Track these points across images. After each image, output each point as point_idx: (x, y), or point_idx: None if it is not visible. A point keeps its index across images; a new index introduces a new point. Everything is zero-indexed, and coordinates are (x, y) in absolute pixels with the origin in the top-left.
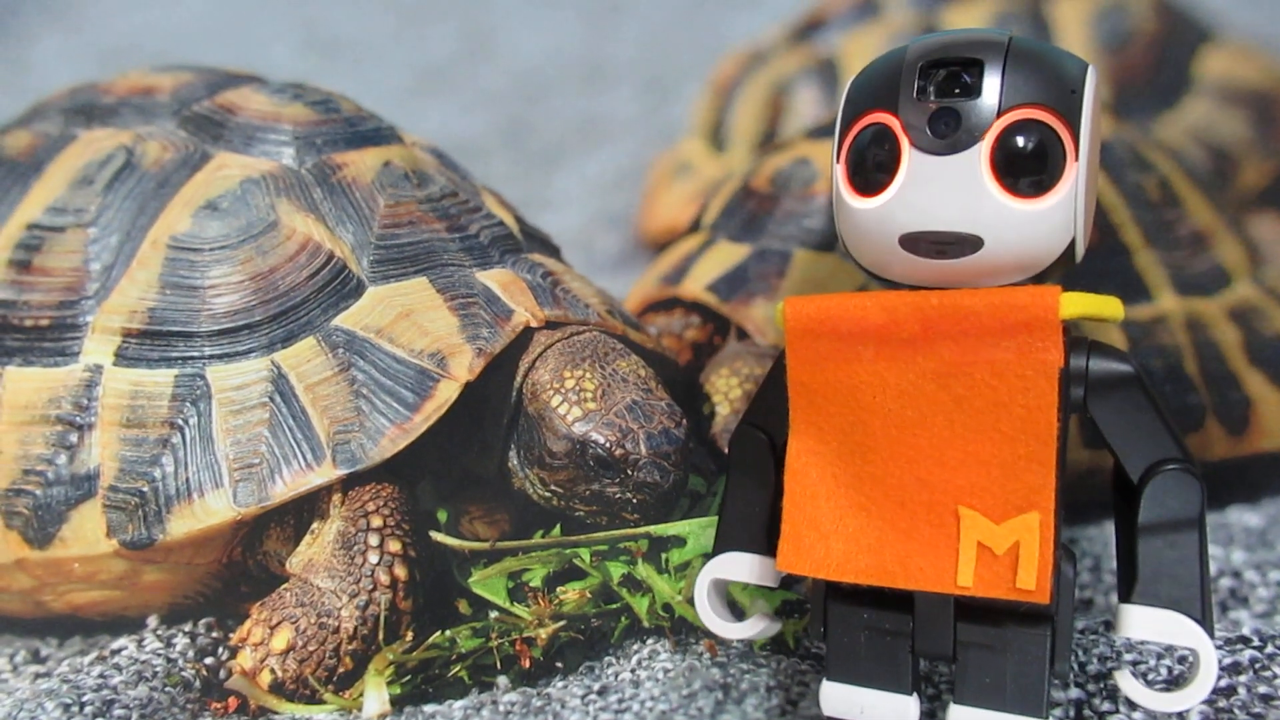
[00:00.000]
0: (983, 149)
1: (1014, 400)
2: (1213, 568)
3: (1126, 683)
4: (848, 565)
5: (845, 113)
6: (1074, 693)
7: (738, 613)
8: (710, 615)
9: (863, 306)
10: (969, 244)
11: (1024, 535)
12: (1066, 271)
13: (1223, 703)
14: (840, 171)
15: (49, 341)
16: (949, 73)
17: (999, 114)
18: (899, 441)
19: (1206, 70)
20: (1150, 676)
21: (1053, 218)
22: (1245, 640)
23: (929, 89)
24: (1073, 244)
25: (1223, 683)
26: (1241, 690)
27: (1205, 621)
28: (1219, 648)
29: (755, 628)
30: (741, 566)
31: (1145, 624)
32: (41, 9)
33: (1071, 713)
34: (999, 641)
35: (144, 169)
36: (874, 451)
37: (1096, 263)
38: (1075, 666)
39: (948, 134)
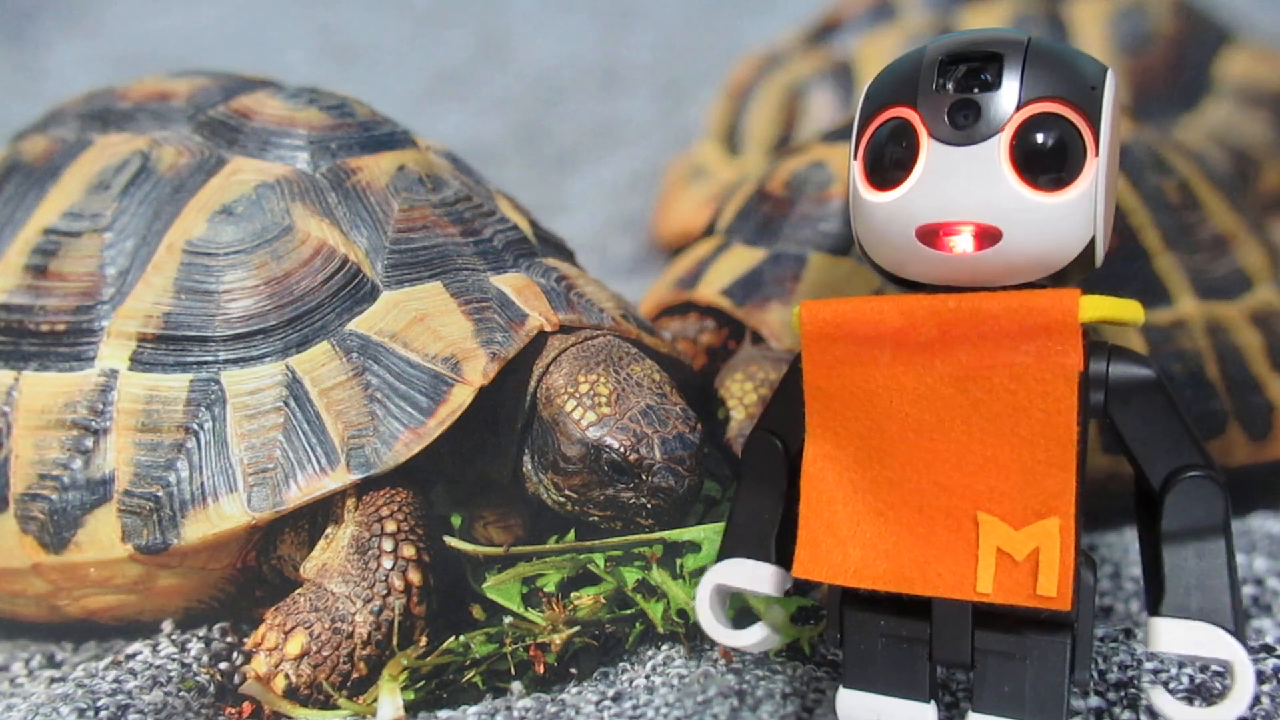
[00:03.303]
0: (1002, 140)
1: (1033, 404)
2: None
3: (1161, 700)
4: (865, 571)
5: (864, 110)
6: (1094, 701)
7: (753, 619)
8: (712, 621)
9: (879, 310)
10: (988, 237)
11: (1044, 541)
12: (1086, 275)
13: (1246, 713)
14: (858, 168)
15: (65, 346)
16: (969, 68)
17: (1019, 107)
18: (916, 446)
19: (1227, 72)
20: (1172, 686)
21: (1072, 213)
22: (1269, 649)
23: (948, 83)
24: (1092, 244)
25: None
26: (1265, 700)
27: (1238, 632)
28: None
29: (756, 636)
30: (746, 573)
31: (1176, 637)
32: (58, 15)
33: None
34: (1018, 649)
35: (160, 174)
36: (891, 456)
37: (1116, 266)
38: (1095, 674)
39: (967, 125)
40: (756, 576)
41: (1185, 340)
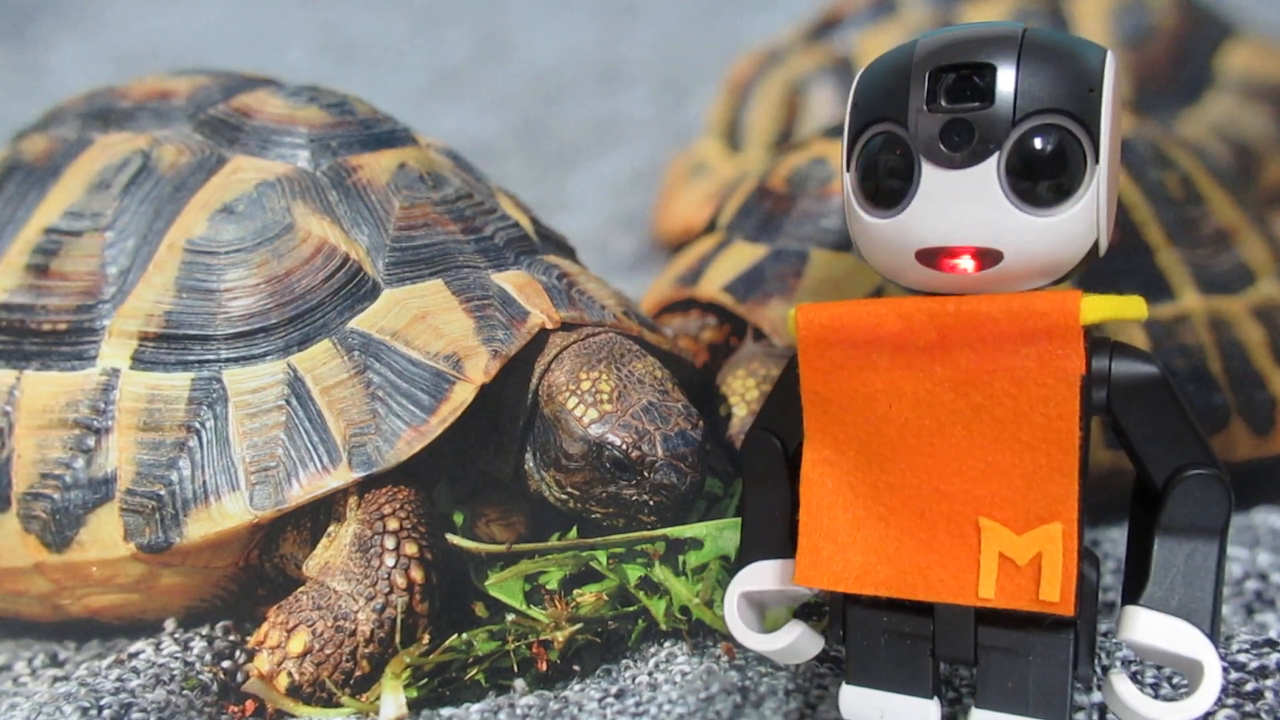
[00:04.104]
0: (999, 161)
1: (1034, 409)
2: (1238, 570)
3: (1123, 686)
4: (867, 577)
5: (854, 119)
6: (1097, 696)
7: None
8: (743, 629)
9: (877, 314)
10: (989, 257)
11: (1046, 546)
12: (1088, 270)
13: (1249, 707)
14: (851, 182)
15: (66, 345)
16: (959, 76)
17: (1014, 123)
18: (917, 451)
19: (1229, 66)
20: (1172, 676)
21: (1074, 224)
22: (1272, 644)
23: (939, 95)
24: (1095, 244)
25: (1249, 687)
26: (1269, 694)
27: (1213, 635)
28: (1245, 651)
29: (791, 634)
30: (769, 575)
31: (1151, 629)
32: (59, 14)
33: (1095, 716)
34: (1021, 645)
35: (160, 173)
36: (891, 461)
37: (1118, 261)
38: (1098, 669)
39: (961, 146)
40: (779, 574)
41: (1188, 335)
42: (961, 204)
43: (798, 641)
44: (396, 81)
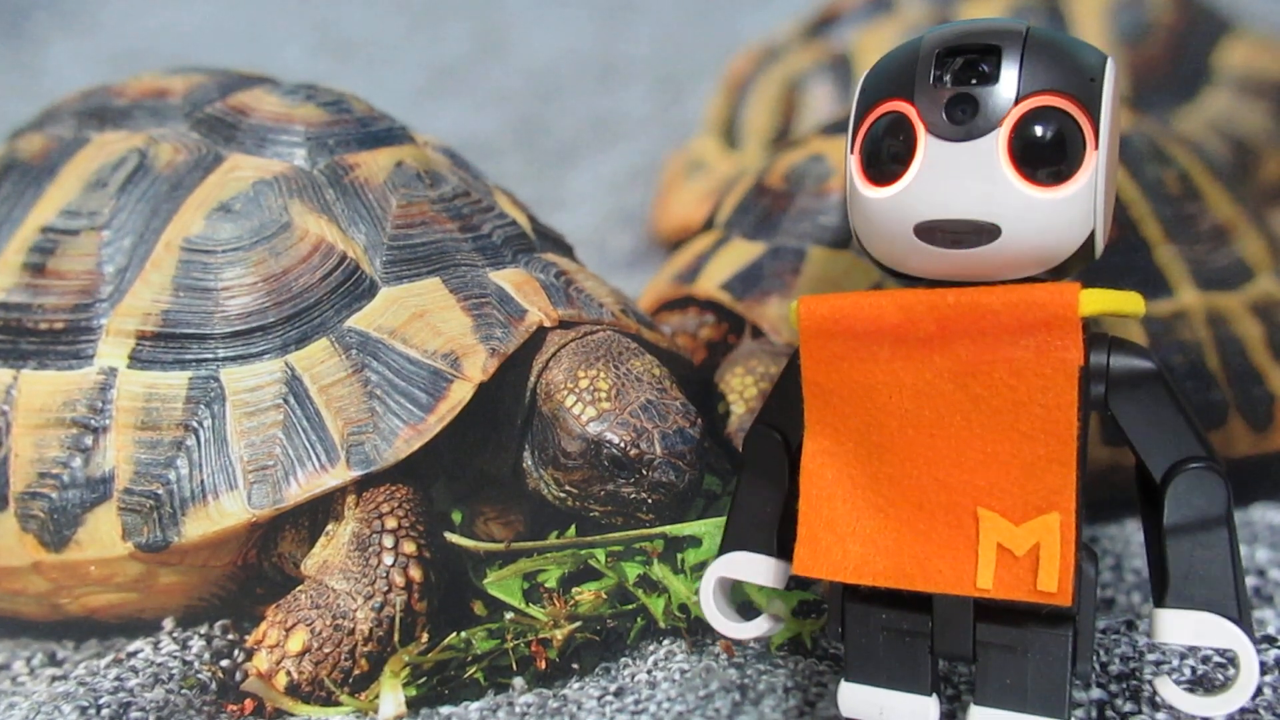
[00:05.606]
0: (1000, 135)
1: (1033, 399)
2: None
3: (1168, 690)
4: (865, 568)
5: (860, 103)
6: (1096, 693)
7: (754, 613)
8: (715, 614)
9: (878, 305)
10: (986, 233)
11: (1044, 536)
12: (1086, 267)
13: (1248, 703)
14: (854, 162)
15: (63, 344)
16: (966, 60)
17: (1017, 100)
18: (916, 442)
19: (1226, 62)
20: (1175, 678)
21: (1071, 207)
22: (1271, 640)
23: (945, 77)
24: (1092, 237)
25: None
26: (1267, 690)
27: (1242, 620)
28: None
29: (760, 628)
30: (749, 566)
31: (1180, 628)
32: (54, 13)
33: (1094, 713)
34: (1020, 642)
35: (157, 171)
36: (891, 452)
37: (1116, 258)
38: (1097, 667)
39: (965, 120)
40: (758, 569)
41: (1186, 331)
42: (962, 177)
43: (766, 632)
44: (394, 79)
